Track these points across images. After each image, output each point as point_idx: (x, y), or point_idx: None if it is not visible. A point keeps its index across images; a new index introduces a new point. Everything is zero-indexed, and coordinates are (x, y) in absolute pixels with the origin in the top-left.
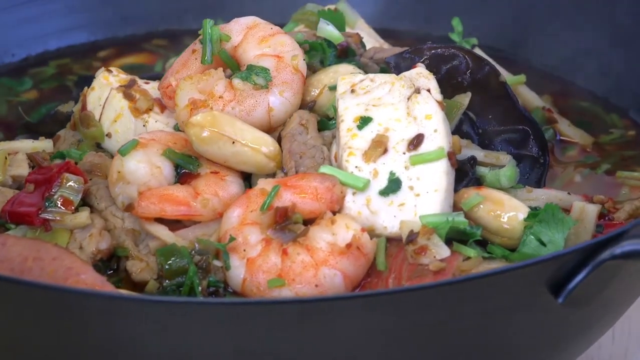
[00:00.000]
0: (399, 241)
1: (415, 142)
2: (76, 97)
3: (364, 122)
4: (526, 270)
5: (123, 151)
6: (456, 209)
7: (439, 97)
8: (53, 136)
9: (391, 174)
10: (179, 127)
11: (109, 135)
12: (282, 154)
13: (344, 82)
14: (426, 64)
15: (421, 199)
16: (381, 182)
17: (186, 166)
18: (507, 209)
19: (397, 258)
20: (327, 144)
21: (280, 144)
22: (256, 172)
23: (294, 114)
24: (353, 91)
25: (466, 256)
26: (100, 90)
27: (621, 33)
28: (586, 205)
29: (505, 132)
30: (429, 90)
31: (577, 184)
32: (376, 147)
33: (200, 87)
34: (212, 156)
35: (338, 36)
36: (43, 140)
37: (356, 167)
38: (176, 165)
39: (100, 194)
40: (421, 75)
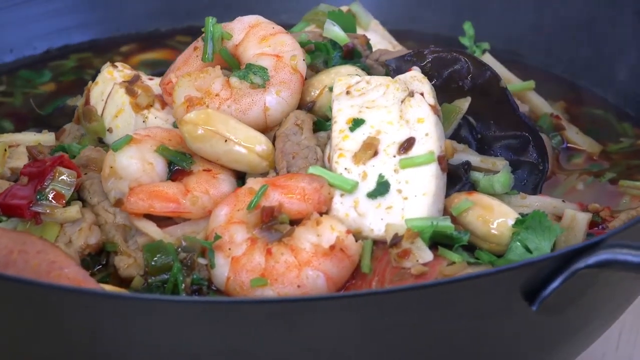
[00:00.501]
0: (385, 244)
1: (406, 145)
2: None
3: (356, 124)
4: (500, 276)
5: (115, 146)
6: (447, 213)
7: (431, 101)
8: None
9: (380, 176)
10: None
11: (110, 130)
12: (275, 153)
13: (340, 84)
14: (428, 67)
15: (409, 202)
16: (370, 184)
17: (179, 163)
18: (496, 214)
19: (382, 261)
20: (322, 145)
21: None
22: (248, 171)
23: (291, 114)
24: (348, 93)
25: (451, 261)
26: (103, 85)
27: None
28: (577, 214)
29: (505, 137)
30: (422, 93)
31: (580, 191)
32: (366, 150)
33: (197, 85)
34: (205, 154)
35: (343, 37)
36: (45, 134)
37: (345, 168)
38: (170, 162)
39: (94, 188)
40: (415, 78)
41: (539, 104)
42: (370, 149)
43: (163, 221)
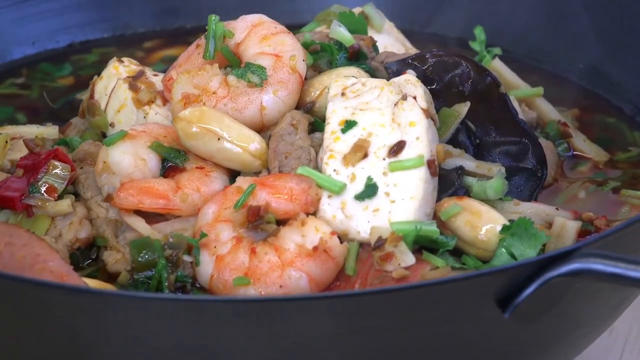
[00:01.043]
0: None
1: (396, 148)
2: None
3: (348, 126)
4: (471, 281)
5: (108, 141)
6: (437, 217)
7: (424, 105)
8: None
9: (369, 179)
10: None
11: (112, 125)
12: (268, 152)
13: (336, 85)
14: (429, 71)
15: (396, 205)
16: (358, 186)
17: (172, 160)
18: (484, 220)
19: (366, 264)
20: (317, 146)
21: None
22: (241, 169)
23: (287, 113)
24: (344, 94)
25: (434, 266)
26: (107, 80)
27: None
28: (567, 222)
29: (504, 143)
30: (415, 97)
31: (581, 199)
32: (356, 152)
33: (195, 82)
34: (198, 151)
35: (349, 38)
36: (49, 127)
37: (334, 170)
38: (163, 158)
39: (88, 183)
40: (409, 82)
41: (547, 111)
42: (360, 150)
43: (155, 217)
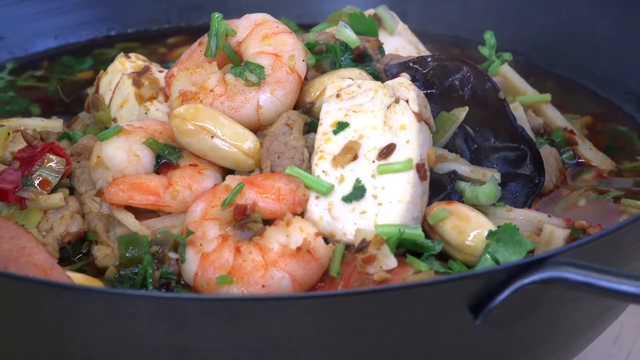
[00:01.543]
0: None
1: (386, 151)
2: None
3: (340, 127)
4: (443, 286)
5: (102, 136)
6: (425, 221)
7: (416, 109)
8: None
9: (357, 181)
10: None
11: (115, 120)
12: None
13: (332, 86)
14: (430, 74)
15: (383, 208)
16: (346, 188)
17: (166, 156)
18: (472, 226)
19: (350, 266)
20: (311, 146)
21: None
22: (234, 168)
23: (283, 113)
24: (338, 96)
25: (418, 270)
26: (112, 75)
27: None
28: (555, 229)
29: (503, 149)
30: (407, 100)
31: (581, 208)
32: (345, 153)
33: (193, 80)
34: (192, 149)
35: (354, 40)
36: (53, 120)
37: (323, 171)
38: (158, 155)
39: (83, 177)
40: (402, 85)
41: (554, 118)
42: (350, 152)
43: (147, 213)
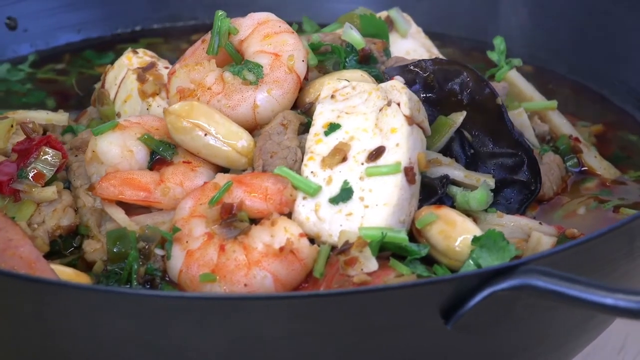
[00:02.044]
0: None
1: (375, 154)
2: None
3: (331, 128)
4: (414, 290)
5: (96, 131)
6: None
7: (407, 112)
8: None
9: (345, 182)
10: None
11: (118, 114)
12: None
13: (328, 87)
14: (430, 78)
15: (369, 210)
16: (333, 189)
17: (161, 153)
18: (458, 231)
19: (334, 267)
20: (305, 147)
21: None
22: (227, 166)
23: (280, 113)
24: (333, 97)
25: (400, 273)
26: (118, 70)
27: None
28: (542, 237)
29: (500, 155)
30: (399, 104)
31: (579, 216)
32: (334, 155)
33: (192, 77)
34: (186, 146)
35: (360, 41)
36: (59, 113)
37: (312, 172)
38: (153, 151)
39: (79, 171)
40: (394, 88)
41: (560, 125)
42: (339, 154)
43: (140, 209)
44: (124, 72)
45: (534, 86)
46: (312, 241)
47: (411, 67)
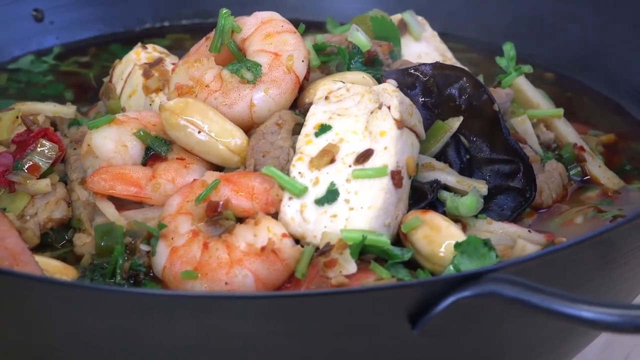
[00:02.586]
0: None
1: (363, 156)
2: None
3: (322, 130)
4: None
5: (92, 125)
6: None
7: (397, 115)
8: None
9: (331, 184)
10: None
11: (123, 109)
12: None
13: (323, 88)
14: (430, 82)
15: (354, 213)
16: (320, 190)
17: (155, 148)
18: (442, 236)
19: (315, 268)
20: None
21: None
22: (221, 164)
23: (276, 113)
24: (327, 98)
25: (380, 276)
26: (125, 65)
27: None
28: (527, 245)
29: (497, 162)
30: (389, 107)
31: (577, 225)
32: (322, 156)
33: (191, 74)
34: (181, 142)
35: (365, 43)
36: (67, 106)
37: (299, 172)
38: (149, 146)
39: (76, 164)
40: (386, 91)
41: (565, 133)
42: (327, 155)
43: (133, 204)
44: (130, 67)
45: (552, 93)
46: (298, 242)
47: (411, 71)
